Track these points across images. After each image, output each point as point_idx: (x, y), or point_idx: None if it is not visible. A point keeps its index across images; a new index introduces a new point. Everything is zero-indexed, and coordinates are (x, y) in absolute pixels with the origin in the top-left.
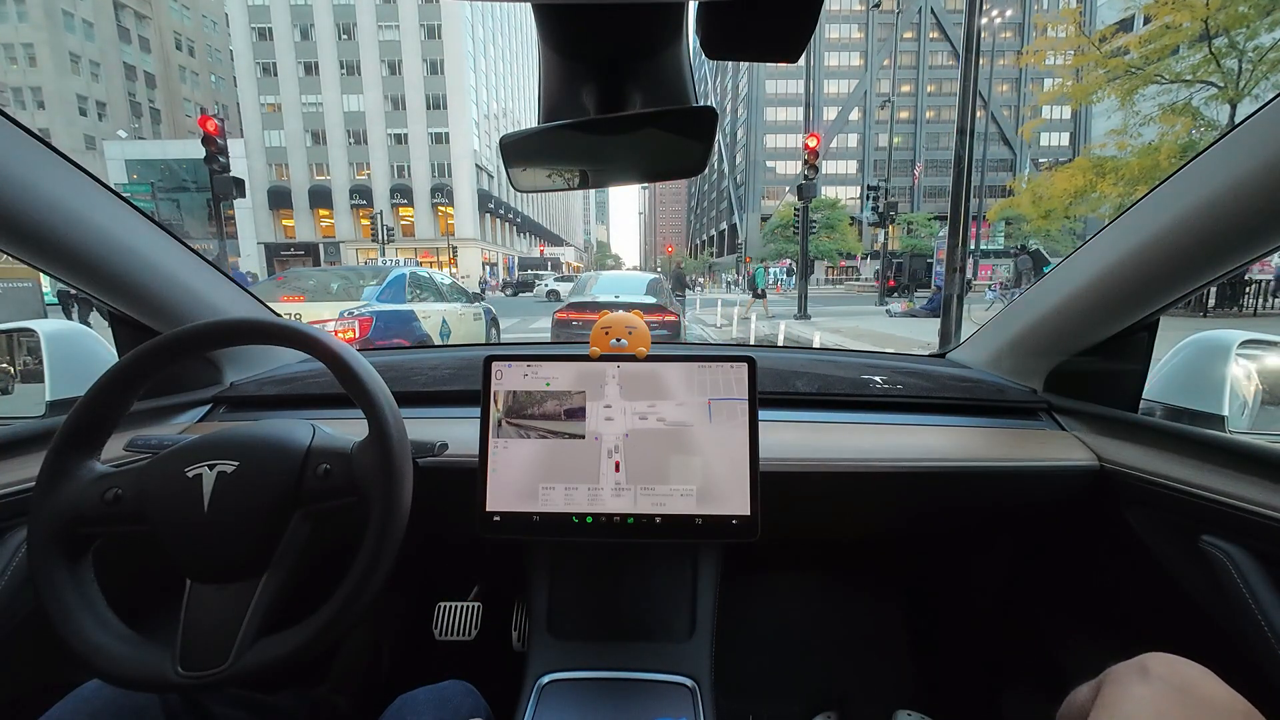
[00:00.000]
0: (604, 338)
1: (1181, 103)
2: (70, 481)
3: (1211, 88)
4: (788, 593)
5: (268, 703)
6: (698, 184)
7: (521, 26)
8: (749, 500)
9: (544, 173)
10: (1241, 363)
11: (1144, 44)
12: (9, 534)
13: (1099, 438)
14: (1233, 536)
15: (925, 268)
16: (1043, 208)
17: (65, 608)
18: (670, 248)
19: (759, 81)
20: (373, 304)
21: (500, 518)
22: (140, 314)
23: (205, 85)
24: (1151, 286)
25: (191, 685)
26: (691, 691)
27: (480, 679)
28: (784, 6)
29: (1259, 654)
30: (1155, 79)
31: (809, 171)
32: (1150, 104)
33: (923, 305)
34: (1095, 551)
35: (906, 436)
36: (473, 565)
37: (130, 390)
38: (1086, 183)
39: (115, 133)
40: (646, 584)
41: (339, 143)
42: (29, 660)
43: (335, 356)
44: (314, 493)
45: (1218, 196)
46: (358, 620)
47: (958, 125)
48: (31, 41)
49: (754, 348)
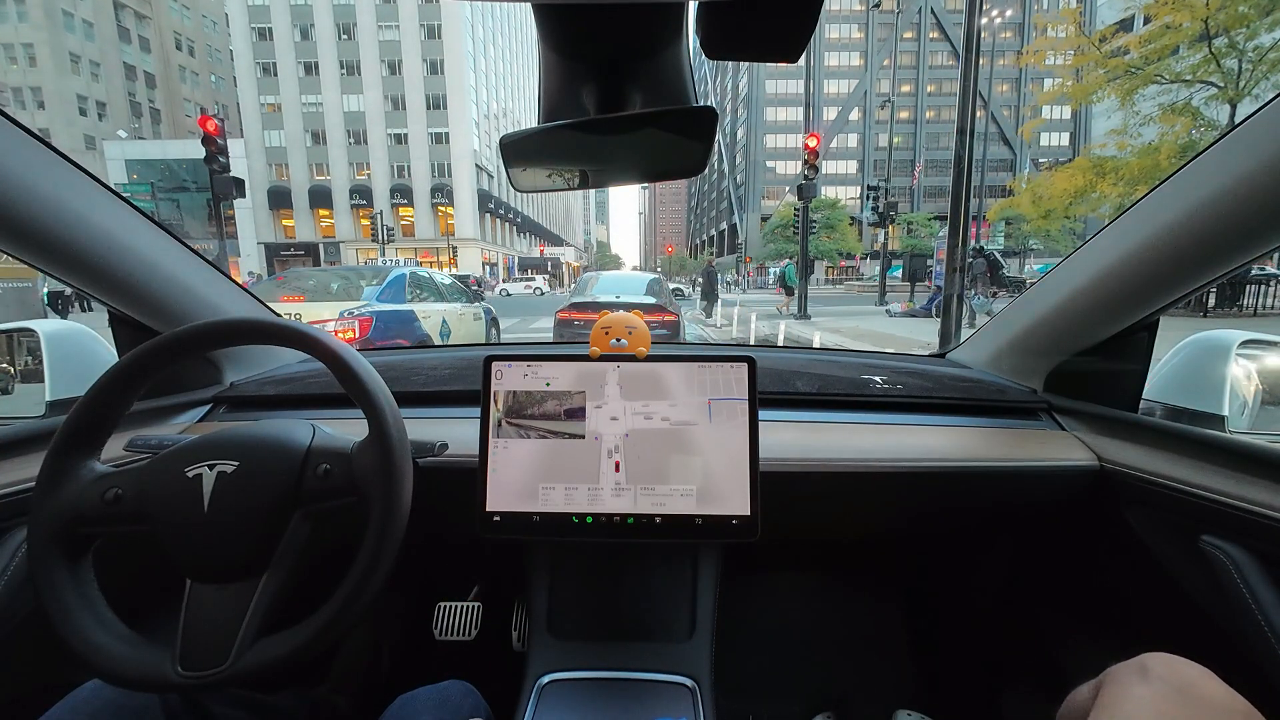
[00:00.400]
0: (604, 338)
1: (1181, 103)
2: (70, 482)
3: (1211, 88)
4: (788, 593)
5: (268, 703)
6: (698, 184)
7: (521, 26)
8: (749, 500)
9: (544, 173)
10: (1241, 363)
11: (1144, 44)
12: (9, 534)
13: (1099, 438)
14: (1233, 536)
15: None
16: (1042, 208)
17: (66, 608)
18: (670, 248)
19: (759, 81)
20: (373, 304)
21: (500, 518)
22: (140, 314)
23: (205, 85)
24: (1151, 286)
25: (192, 685)
26: (691, 691)
27: (480, 679)
28: (784, 6)
29: (1259, 654)
30: (1155, 79)
31: (809, 172)
32: (1150, 104)
33: (922, 305)
34: (1095, 551)
35: (906, 436)
36: (473, 565)
37: (130, 390)
38: (1086, 183)
39: (115, 133)
40: (646, 584)
41: (339, 143)
42: (29, 660)
43: (335, 356)
44: (314, 493)
45: (1217, 196)
46: (358, 620)
47: (958, 125)
48: (31, 41)
49: (754, 348)
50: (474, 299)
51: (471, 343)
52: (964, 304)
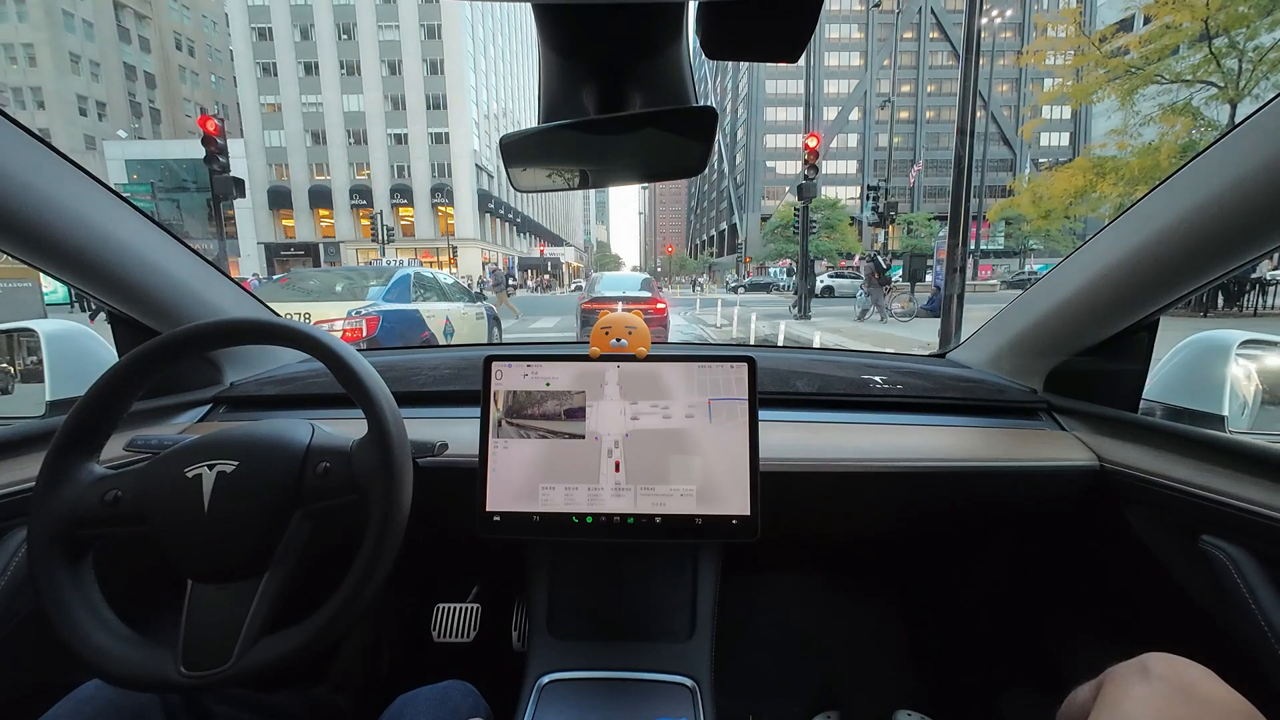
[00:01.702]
0: (604, 338)
1: (1181, 103)
2: (70, 484)
3: (1211, 88)
4: (788, 593)
5: (268, 703)
6: (698, 184)
7: (521, 26)
8: (749, 500)
9: (544, 173)
10: (1241, 363)
11: (1144, 44)
12: (9, 534)
13: (1099, 438)
14: (1233, 536)
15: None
16: (1043, 208)
17: (67, 610)
18: (671, 248)
19: (759, 81)
20: (379, 303)
21: (500, 518)
22: (140, 314)
23: (205, 85)
24: (1151, 286)
25: (194, 685)
26: (691, 691)
27: (480, 679)
28: (784, 7)
29: (1259, 654)
30: (1155, 79)
31: (809, 171)
32: (1150, 104)
33: (922, 305)
34: (1095, 551)
35: (906, 436)
36: (473, 565)
37: (130, 391)
38: (1086, 183)
39: (115, 133)
40: (646, 584)
41: (339, 143)
42: (29, 660)
43: (335, 356)
44: (314, 491)
45: (1217, 196)
46: (360, 618)
47: (958, 125)
48: (31, 41)
49: (754, 347)
50: (475, 299)
51: (472, 343)
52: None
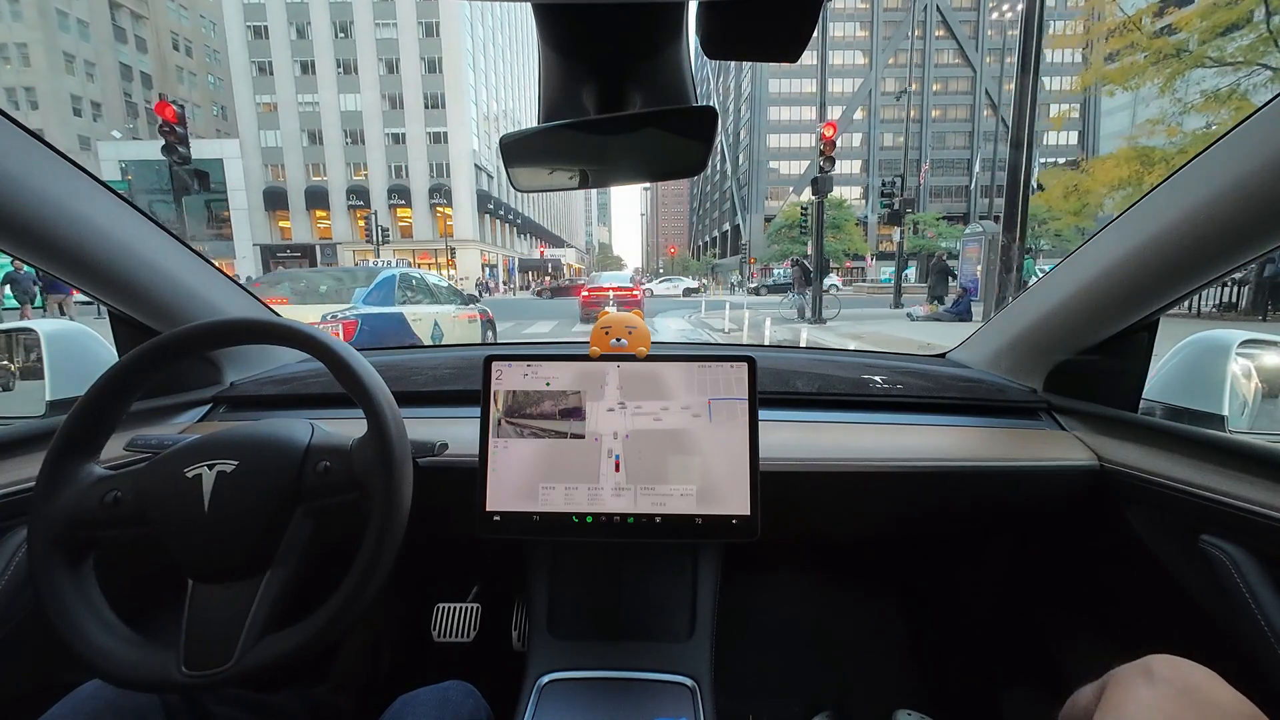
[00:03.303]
0: (604, 337)
1: (1226, 88)
2: (69, 486)
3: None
4: (788, 593)
5: (268, 703)
6: (700, 185)
7: (521, 26)
8: (749, 500)
9: (544, 173)
10: (1241, 362)
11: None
12: (9, 534)
13: (1099, 437)
14: (1233, 536)
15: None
16: (1076, 202)
17: (68, 611)
18: (673, 249)
19: (762, 81)
20: (358, 306)
21: (500, 517)
22: (140, 314)
23: (203, 86)
24: (1152, 286)
25: (196, 685)
26: (691, 691)
27: (480, 679)
28: (784, 7)
29: (1259, 654)
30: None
31: (824, 163)
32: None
33: (947, 308)
34: (1095, 551)
35: (906, 436)
36: (473, 565)
37: (129, 391)
38: (1132, 173)
39: (110, 133)
40: (646, 584)
41: (336, 143)
42: (29, 660)
43: (335, 356)
44: (314, 490)
45: (1218, 196)
46: (361, 616)
47: (1012, 139)
48: (25, 41)
49: (754, 347)
50: (468, 301)
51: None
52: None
